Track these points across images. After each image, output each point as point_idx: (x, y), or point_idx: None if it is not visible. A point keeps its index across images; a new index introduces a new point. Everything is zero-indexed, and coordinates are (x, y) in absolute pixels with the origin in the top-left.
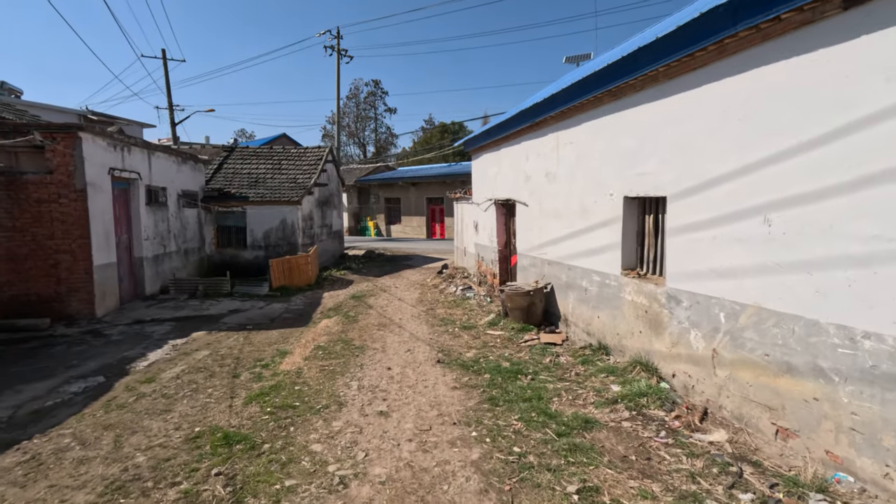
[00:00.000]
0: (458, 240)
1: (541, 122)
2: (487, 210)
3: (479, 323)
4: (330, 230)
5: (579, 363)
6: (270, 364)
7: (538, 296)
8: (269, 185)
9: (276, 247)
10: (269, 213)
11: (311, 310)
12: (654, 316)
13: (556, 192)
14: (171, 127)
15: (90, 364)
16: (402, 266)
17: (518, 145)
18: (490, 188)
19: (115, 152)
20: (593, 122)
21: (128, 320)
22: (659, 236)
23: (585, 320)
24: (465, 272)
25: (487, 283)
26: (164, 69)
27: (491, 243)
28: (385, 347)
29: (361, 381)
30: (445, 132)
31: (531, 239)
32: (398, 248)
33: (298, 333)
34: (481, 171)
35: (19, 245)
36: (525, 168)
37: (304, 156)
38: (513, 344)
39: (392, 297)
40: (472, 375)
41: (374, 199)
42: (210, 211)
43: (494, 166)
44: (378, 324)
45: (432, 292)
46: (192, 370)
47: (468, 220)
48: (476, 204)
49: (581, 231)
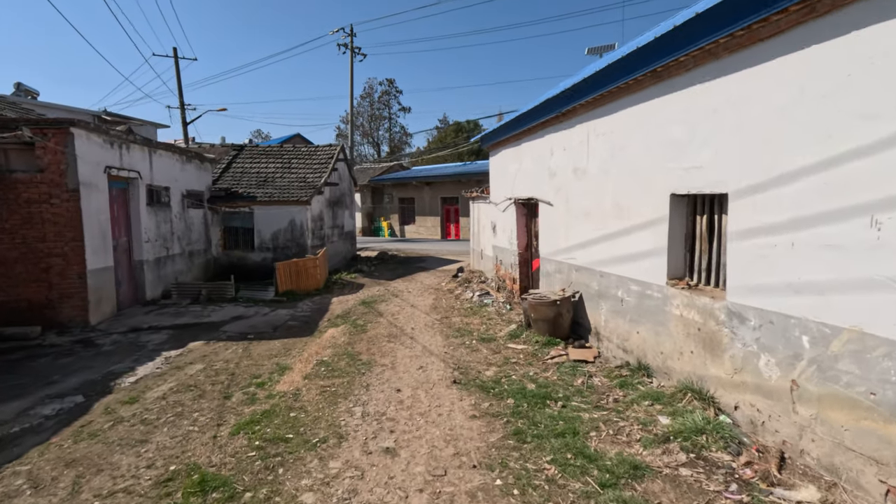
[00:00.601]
0: (474, 241)
1: (568, 111)
2: (506, 210)
3: (499, 334)
4: (341, 231)
5: (616, 386)
6: (267, 383)
7: (565, 306)
8: (277, 184)
9: (285, 249)
10: (278, 214)
11: (318, 317)
12: (709, 335)
13: (586, 189)
14: (182, 126)
15: (72, 380)
16: (415, 268)
17: (541, 139)
18: (509, 186)
19: (112, 150)
20: (632, 109)
21: (123, 328)
22: (715, 241)
23: (621, 335)
24: (482, 276)
25: (507, 289)
26: (175, 68)
27: (510, 246)
28: (395, 363)
29: (366, 406)
30: (460, 131)
31: (556, 242)
32: (412, 250)
33: (302, 345)
34: (500, 168)
35: (8, 248)
36: (549, 164)
37: (314, 154)
38: (538, 360)
39: (404, 303)
40: (494, 400)
41: (388, 199)
42: (216, 211)
43: (515, 163)
44: (388, 334)
45: (447, 298)
46: (182, 388)
47: (485, 220)
48: (494, 204)
49: (616, 234)
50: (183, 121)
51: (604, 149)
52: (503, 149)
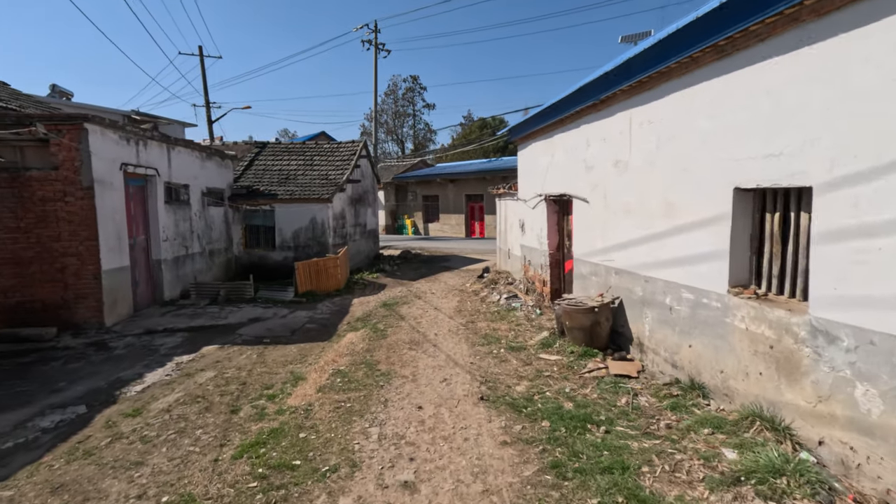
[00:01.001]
0: (500, 240)
1: (608, 98)
2: (536, 207)
3: (530, 343)
4: (364, 229)
5: (667, 408)
6: (278, 395)
7: (604, 313)
8: (299, 181)
9: (306, 247)
10: (299, 212)
11: (337, 319)
12: (785, 354)
13: (628, 184)
14: (207, 124)
15: (77, 388)
16: (439, 268)
17: (576, 130)
18: (540, 182)
19: (128, 146)
20: (685, 91)
21: (139, 330)
22: (791, 243)
23: (670, 348)
24: (508, 277)
25: (536, 292)
26: (200, 66)
27: (540, 245)
28: (416, 375)
29: (384, 426)
30: (485, 128)
31: (592, 242)
32: (436, 248)
33: (318, 351)
34: (529, 162)
35: (24, 247)
36: (585, 157)
37: (336, 151)
38: (574, 374)
39: (427, 306)
40: (527, 422)
41: (412, 197)
42: (238, 209)
43: (546, 156)
44: (409, 341)
45: (472, 300)
46: (188, 399)
47: (513, 218)
48: (522, 200)
49: (664, 234)
50: (208, 119)
51: (649, 139)
52: (533, 142)
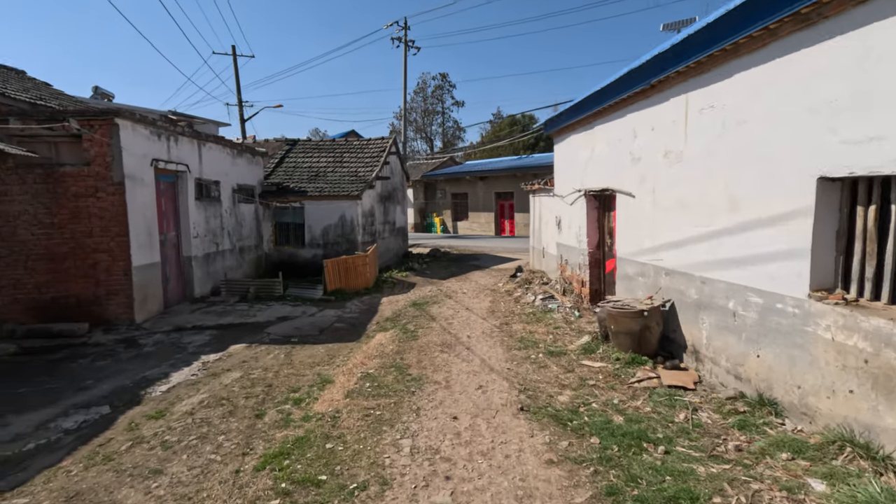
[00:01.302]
0: (534, 238)
1: (660, 82)
2: (574, 203)
3: (570, 347)
4: (392, 227)
5: (735, 427)
6: (305, 399)
7: (654, 317)
8: (329, 178)
9: (335, 245)
10: (328, 209)
11: (366, 319)
12: (884, 371)
13: (682, 176)
14: (240, 123)
15: (103, 386)
16: (469, 267)
17: (621, 119)
18: (578, 177)
19: (159, 142)
20: (757, 69)
21: (168, 327)
22: (892, 241)
23: (733, 358)
24: (543, 277)
25: (574, 293)
26: (233, 65)
27: (578, 244)
28: (449, 381)
29: (416, 438)
30: (515, 125)
31: (639, 240)
32: (465, 246)
33: (347, 351)
34: (567, 156)
35: (58, 243)
36: (631, 148)
37: (366, 148)
38: (621, 384)
39: (458, 306)
40: (574, 438)
41: (441, 195)
42: (268, 206)
43: (585, 149)
44: (441, 343)
45: (506, 301)
46: (213, 402)
47: (548, 215)
48: (559, 197)
49: (726, 231)
50: (241, 117)
51: (710, 125)
52: (571, 134)
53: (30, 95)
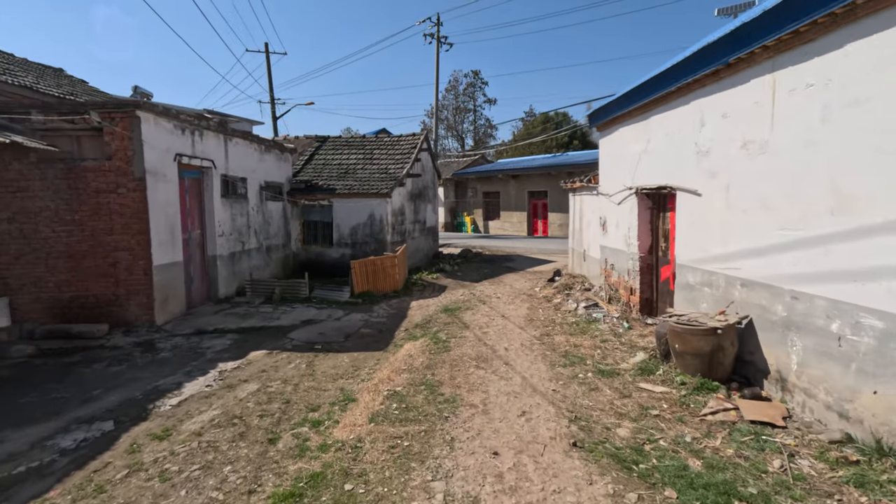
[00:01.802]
0: (573, 240)
1: (738, 61)
2: (623, 203)
3: (623, 366)
4: (423, 226)
5: (849, 482)
6: (324, 422)
7: (729, 336)
8: (358, 175)
9: (364, 244)
10: (357, 207)
11: (394, 325)
12: None
13: (767, 170)
14: (272, 121)
15: (111, 397)
16: (502, 269)
17: (684, 107)
18: (628, 173)
19: (182, 136)
20: (877, 36)
21: (189, 329)
22: None
23: (836, 391)
24: (585, 282)
25: (621, 301)
26: (266, 62)
27: (627, 247)
28: (487, 404)
29: (450, 479)
30: (547, 122)
31: (705, 244)
32: (497, 247)
33: (373, 363)
34: (615, 150)
35: (79, 241)
36: (697, 139)
37: (397, 144)
38: (691, 415)
39: (493, 313)
40: (644, 488)
41: (472, 194)
42: (296, 204)
43: (638, 142)
44: (476, 356)
45: (544, 308)
46: (224, 421)
47: (590, 215)
48: (604, 195)
49: (830, 236)
50: (273, 115)
51: (806, 108)
52: (620, 126)
53: (62, 91)
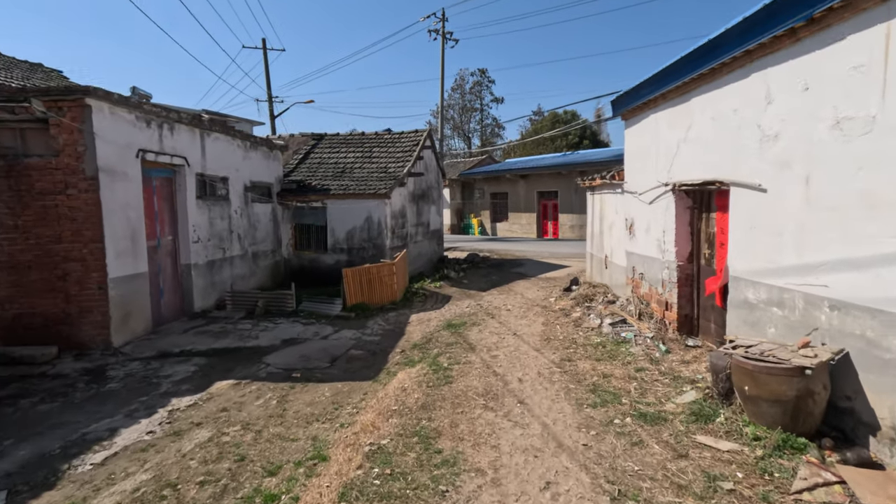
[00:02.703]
0: (592, 244)
1: (829, 12)
2: (656, 202)
3: (669, 407)
4: (426, 229)
5: None
6: (281, 497)
7: (820, 378)
8: (355, 175)
9: (361, 250)
10: (353, 209)
11: (389, 345)
12: None
13: (873, 155)
14: (270, 119)
15: (20, 452)
16: (512, 275)
17: (741, 83)
18: (663, 166)
19: (148, 130)
20: None
21: (151, 352)
22: None
23: None
24: (607, 292)
25: (654, 318)
26: (263, 59)
27: (661, 254)
28: (497, 468)
29: None
30: (557, 122)
31: (773, 253)
32: (506, 251)
33: (359, 397)
34: (645, 141)
35: (21, 250)
36: (762, 120)
37: (397, 142)
38: (777, 490)
39: (503, 329)
40: None
41: (479, 194)
42: (287, 207)
43: (675, 129)
44: (483, 390)
45: (562, 323)
46: (151, 493)
47: (612, 216)
48: (631, 193)
49: None
50: (271, 114)
51: None
52: (651, 112)
53: (31, 83)
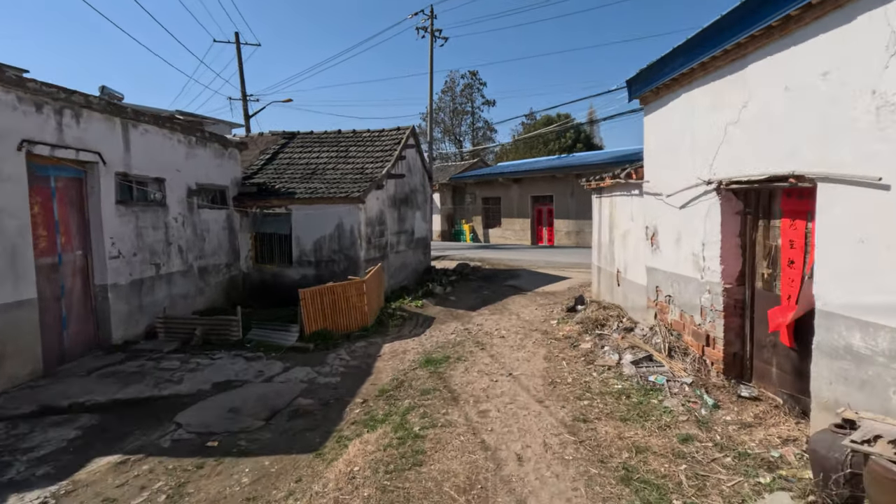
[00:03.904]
0: (599, 256)
1: None
2: (689, 206)
3: None
4: (410, 238)
5: None
6: None
7: None
8: (327, 177)
9: (330, 263)
10: (321, 216)
11: (349, 391)
12: None
13: None
14: (244, 119)
15: None
16: (506, 289)
17: (840, 31)
18: (702, 159)
19: (37, 115)
20: None
21: (28, 407)
22: None
23: None
24: (621, 315)
25: (689, 355)
26: (237, 55)
27: (698, 272)
28: None
29: None
30: (550, 124)
31: None
32: (499, 260)
33: (289, 486)
34: (673, 128)
35: None
36: (881, 83)
37: (377, 140)
38: None
39: (496, 368)
40: None
41: (470, 199)
42: (246, 213)
43: (721, 109)
44: (466, 482)
45: (569, 357)
46: None
47: (627, 224)
48: (654, 195)
49: None
50: (245, 113)
51: None
52: (682, 91)
53: None
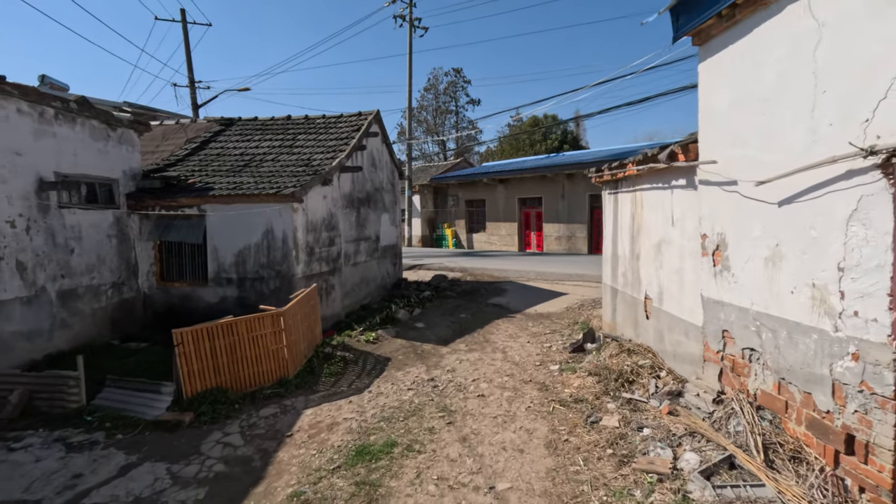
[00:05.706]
0: (615, 274)
1: None
2: (804, 200)
3: None
4: (374, 246)
5: None
6: None
7: None
8: (262, 170)
9: (257, 280)
10: (245, 219)
11: None
12: None
13: None
14: (192, 109)
15: None
16: (490, 311)
17: None
18: (838, 115)
19: None
20: None
21: None
22: None
23: None
24: (657, 364)
25: (806, 462)
26: (184, 35)
27: (828, 319)
28: None
29: None
30: (537, 126)
31: None
32: (482, 269)
33: None
34: (779, 68)
35: None
36: None
37: (332, 127)
38: None
39: (466, 468)
40: None
41: (453, 202)
42: (147, 216)
43: (891, 19)
44: None
45: (585, 445)
46: None
47: (662, 229)
48: (718, 185)
49: None
50: (193, 102)
51: None
52: (788, 2)
53: None
